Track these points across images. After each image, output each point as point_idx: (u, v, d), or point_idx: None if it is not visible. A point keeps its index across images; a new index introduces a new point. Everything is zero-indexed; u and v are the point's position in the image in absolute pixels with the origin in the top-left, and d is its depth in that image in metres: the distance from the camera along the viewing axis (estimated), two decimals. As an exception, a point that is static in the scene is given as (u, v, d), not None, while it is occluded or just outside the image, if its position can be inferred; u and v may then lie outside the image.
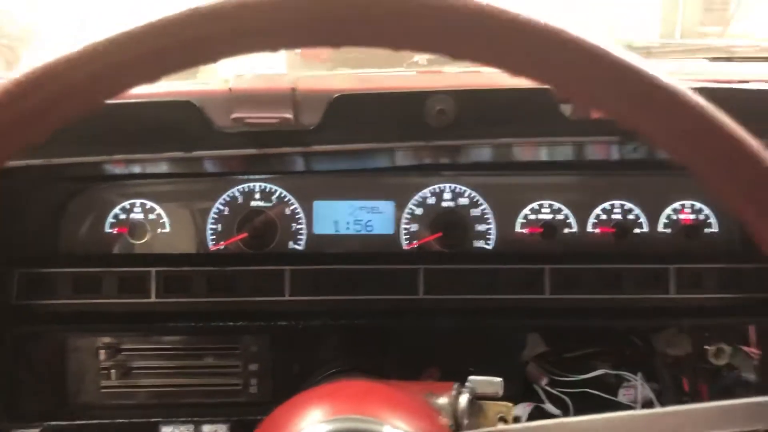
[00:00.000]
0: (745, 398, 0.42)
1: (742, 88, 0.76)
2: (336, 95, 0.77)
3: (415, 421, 0.51)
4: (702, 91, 0.82)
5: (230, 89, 0.76)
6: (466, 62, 0.37)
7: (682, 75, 0.90)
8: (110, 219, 1.04)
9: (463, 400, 0.60)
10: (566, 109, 0.78)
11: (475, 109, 0.79)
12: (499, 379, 0.62)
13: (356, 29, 0.36)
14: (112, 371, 0.98)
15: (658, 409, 0.45)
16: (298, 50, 1.21)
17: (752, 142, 0.33)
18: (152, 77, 0.38)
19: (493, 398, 0.62)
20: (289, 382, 0.97)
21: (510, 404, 0.62)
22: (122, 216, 1.04)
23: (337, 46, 0.38)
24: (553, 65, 0.32)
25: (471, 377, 0.63)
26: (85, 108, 0.38)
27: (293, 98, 0.75)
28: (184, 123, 0.77)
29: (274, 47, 0.38)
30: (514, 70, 0.35)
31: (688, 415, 0.41)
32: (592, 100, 0.35)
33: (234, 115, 0.75)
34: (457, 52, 0.36)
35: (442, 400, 0.61)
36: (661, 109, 0.33)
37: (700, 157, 0.33)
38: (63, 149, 0.79)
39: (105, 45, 0.36)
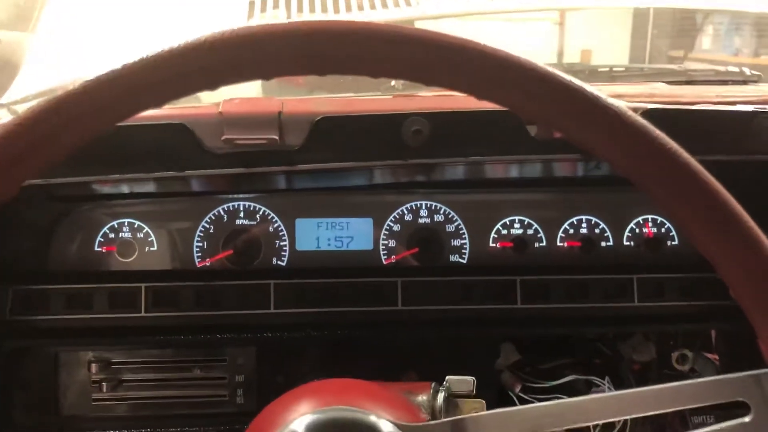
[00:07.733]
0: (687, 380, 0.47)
1: (691, 108, 0.83)
2: (319, 117, 0.82)
3: (398, 412, 0.55)
4: (656, 111, 0.88)
5: (220, 112, 0.81)
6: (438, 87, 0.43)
7: (641, 97, 0.97)
8: (99, 238, 1.07)
9: (440, 397, 0.65)
10: (531, 129, 0.84)
11: (448, 130, 0.85)
12: (471, 378, 0.67)
13: (336, 62, 0.41)
14: (103, 384, 1.01)
15: (610, 393, 0.50)
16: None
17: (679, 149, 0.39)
18: (159, 102, 0.44)
19: (468, 396, 0.67)
20: (274, 393, 1.00)
21: (483, 401, 0.67)
22: (111, 235, 1.07)
23: (322, 74, 0.44)
24: (507, 90, 0.38)
25: (448, 377, 0.68)
26: (99, 129, 0.43)
27: (279, 120, 0.80)
28: (176, 144, 0.81)
29: (267, 76, 0.43)
30: (480, 96, 0.41)
31: (636, 397, 0.46)
32: (544, 121, 0.40)
33: (224, 137, 0.80)
34: (429, 80, 0.42)
35: (421, 398, 0.65)
36: (601, 127, 0.39)
37: (636, 167, 0.39)
38: (57, 169, 0.83)
39: (119, 73, 0.41)
